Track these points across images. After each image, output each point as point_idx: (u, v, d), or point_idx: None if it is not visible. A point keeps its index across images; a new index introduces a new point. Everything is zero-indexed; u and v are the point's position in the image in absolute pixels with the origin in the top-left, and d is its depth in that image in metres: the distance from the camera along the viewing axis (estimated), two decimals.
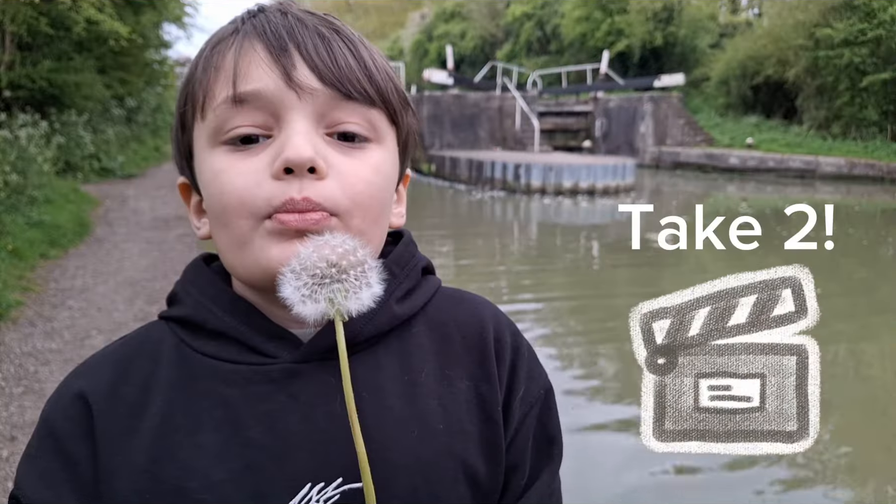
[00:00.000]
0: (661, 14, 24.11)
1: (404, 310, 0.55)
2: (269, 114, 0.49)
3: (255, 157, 0.49)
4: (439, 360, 0.55)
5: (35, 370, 3.64)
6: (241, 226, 0.49)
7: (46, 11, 9.40)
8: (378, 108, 0.52)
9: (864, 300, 6.46)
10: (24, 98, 10.58)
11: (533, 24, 30.49)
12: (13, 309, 4.58)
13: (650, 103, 20.95)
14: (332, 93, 0.49)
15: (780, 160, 18.14)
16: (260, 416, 0.49)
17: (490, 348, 0.56)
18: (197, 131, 0.52)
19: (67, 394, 0.53)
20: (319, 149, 0.49)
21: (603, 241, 9.64)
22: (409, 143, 0.57)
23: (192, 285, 0.56)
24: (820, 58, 18.44)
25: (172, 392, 0.51)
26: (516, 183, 14.08)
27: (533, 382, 0.58)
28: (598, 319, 5.82)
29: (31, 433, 2.05)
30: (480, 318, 0.58)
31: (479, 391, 0.54)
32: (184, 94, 0.53)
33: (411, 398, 0.52)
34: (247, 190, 0.48)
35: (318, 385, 0.50)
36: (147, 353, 0.54)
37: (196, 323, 0.53)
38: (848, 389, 4.19)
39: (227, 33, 0.52)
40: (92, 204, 9.13)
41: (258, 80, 0.48)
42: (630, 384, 4.30)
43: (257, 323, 0.52)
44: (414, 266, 0.58)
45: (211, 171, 0.50)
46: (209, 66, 0.51)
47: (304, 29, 0.50)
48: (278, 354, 0.51)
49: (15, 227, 6.21)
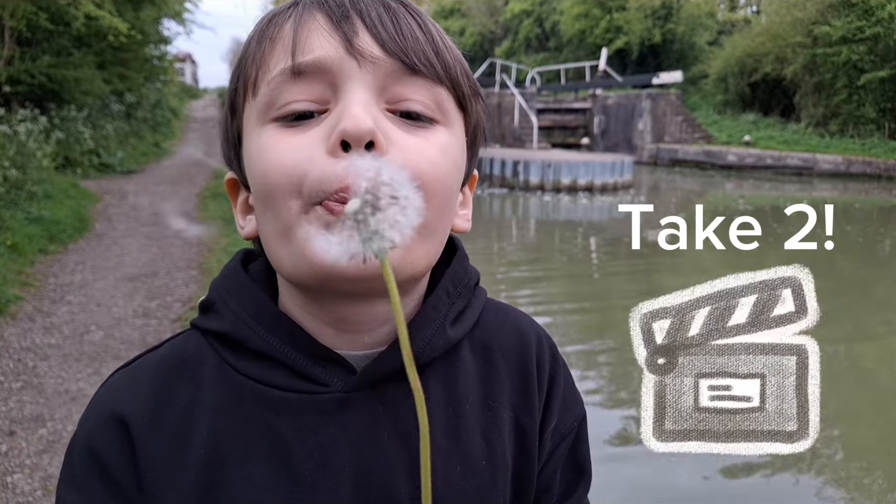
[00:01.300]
0: (659, 11, 24.08)
1: (457, 333, 0.52)
2: (327, 84, 0.45)
3: (309, 132, 0.44)
4: (484, 388, 0.53)
5: (34, 365, 3.64)
6: (288, 208, 0.44)
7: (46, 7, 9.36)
8: (445, 86, 0.47)
9: (861, 298, 6.49)
10: (24, 93, 10.54)
11: (532, 21, 30.43)
12: (12, 304, 4.58)
13: (648, 100, 20.94)
14: (395, 64, 0.45)
15: (777, 157, 18.17)
16: (310, 449, 0.47)
17: (533, 376, 0.54)
18: (247, 112, 0.48)
19: (105, 418, 0.49)
20: (380, 122, 0.44)
21: (601, 238, 9.67)
22: (477, 135, 0.53)
23: (231, 296, 0.51)
24: (818, 55, 18.44)
25: (217, 419, 0.48)
26: (515, 180, 14.08)
27: (567, 413, 0.57)
28: (595, 315, 5.84)
29: (29, 428, 2.07)
30: (525, 345, 0.56)
31: (519, 422, 0.53)
32: (236, 74, 0.49)
33: (456, 430, 0.50)
34: (297, 167, 0.43)
35: (367, 414, 0.48)
36: (188, 376, 0.50)
37: (237, 341, 0.49)
38: (844, 387, 4.21)
39: (285, 7, 0.48)
40: (91, 199, 9.10)
41: (318, 49, 0.44)
42: (628, 380, 4.33)
43: (303, 345, 0.48)
44: (468, 283, 0.55)
45: (259, 148, 0.46)
46: (264, 39, 0.47)
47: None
48: (328, 382, 0.48)
49: (14, 222, 6.20)
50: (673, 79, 21.81)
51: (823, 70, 18.59)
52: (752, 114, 21.04)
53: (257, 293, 0.50)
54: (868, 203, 13.42)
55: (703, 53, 23.92)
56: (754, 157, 18.56)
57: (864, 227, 10.67)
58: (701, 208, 0.75)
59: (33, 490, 2.51)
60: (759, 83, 20.87)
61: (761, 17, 23.15)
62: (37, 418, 3.04)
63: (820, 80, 18.86)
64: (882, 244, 9.44)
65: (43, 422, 3.01)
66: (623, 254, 8.72)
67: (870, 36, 17.37)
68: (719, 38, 23.90)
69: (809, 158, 17.69)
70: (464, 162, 0.51)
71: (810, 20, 18.73)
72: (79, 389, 3.34)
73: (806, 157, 17.78)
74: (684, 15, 24.10)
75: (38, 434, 2.90)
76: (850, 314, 5.87)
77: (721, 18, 25.70)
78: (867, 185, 15.89)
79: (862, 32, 17.47)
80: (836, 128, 18.75)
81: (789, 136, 19.45)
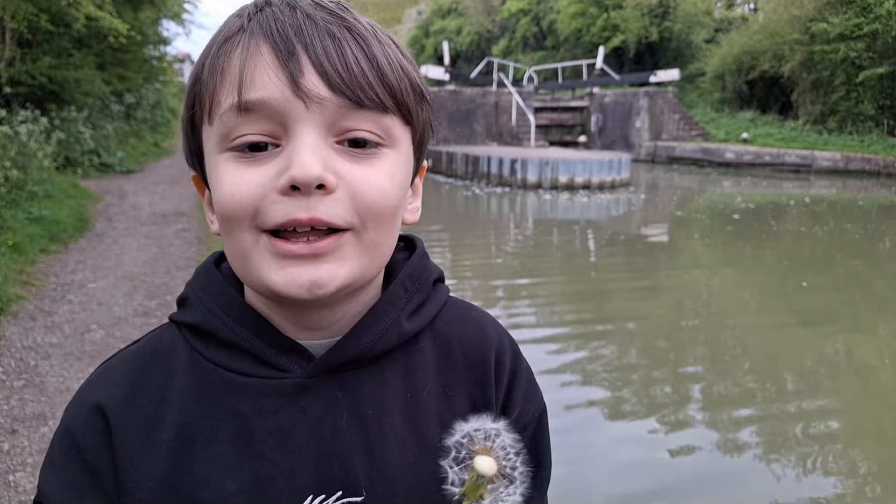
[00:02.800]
0: (656, 9, 24.09)
1: (413, 325, 0.55)
2: (276, 123, 0.46)
3: (262, 167, 0.47)
4: (442, 378, 0.55)
5: (35, 364, 3.65)
6: (244, 238, 0.48)
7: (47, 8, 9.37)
8: (391, 113, 0.49)
9: (861, 294, 6.53)
10: (24, 94, 10.57)
11: (529, 19, 30.45)
12: (14, 303, 4.59)
13: (646, 98, 20.96)
14: (342, 101, 0.46)
15: (775, 155, 18.19)
16: (270, 430, 0.50)
17: (490, 371, 0.57)
18: (205, 134, 0.50)
19: (85, 405, 0.53)
20: (328, 161, 0.46)
21: (598, 236, 9.69)
22: (424, 137, 0.55)
23: (203, 291, 0.55)
24: (815, 52, 18.44)
25: (187, 403, 0.51)
26: (512, 178, 14.11)
27: (529, 404, 0.59)
28: (593, 312, 5.88)
29: (31, 426, 2.16)
30: (484, 339, 0.58)
31: (477, 412, 0.54)
32: (191, 95, 0.51)
33: (413, 416, 0.53)
34: (251, 203, 0.46)
35: (326, 399, 0.51)
36: (161, 364, 0.54)
37: (207, 331, 0.53)
38: (843, 383, 4.24)
39: (234, 31, 0.49)
40: (91, 199, 9.10)
41: (263, 88, 0.46)
42: (626, 376, 4.38)
43: (268, 335, 0.52)
44: (426, 280, 0.58)
45: (217, 178, 0.49)
46: (215, 69, 0.48)
47: (314, 28, 0.47)
48: (289, 368, 0.51)
49: (15, 222, 6.22)
50: (670, 77, 21.83)
51: (821, 67, 18.59)
52: (750, 111, 21.05)
53: (227, 289, 0.54)
54: (867, 200, 13.45)
55: (701, 51, 23.91)
56: (752, 154, 18.58)
57: (863, 223, 10.70)
58: (696, 203, 0.79)
59: (35, 489, 2.51)
60: (756, 81, 20.88)
61: (759, 15, 23.15)
62: (38, 417, 3.04)
63: (818, 77, 18.86)
64: (882, 241, 9.47)
65: (45, 420, 3.00)
66: (620, 250, 8.76)
67: (868, 33, 17.37)
68: (716, 36, 23.90)
69: (808, 156, 17.70)
70: (410, 172, 0.54)
71: (808, 17, 18.74)
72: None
73: (804, 155, 17.79)
74: (681, 13, 24.10)
75: (40, 432, 2.90)
76: (850, 311, 5.90)
77: (718, 16, 25.68)
78: (866, 181, 15.89)
79: (860, 29, 17.47)
80: (835, 125, 18.76)
81: (787, 133, 19.45)
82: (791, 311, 5.89)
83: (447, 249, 8.49)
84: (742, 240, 9.20)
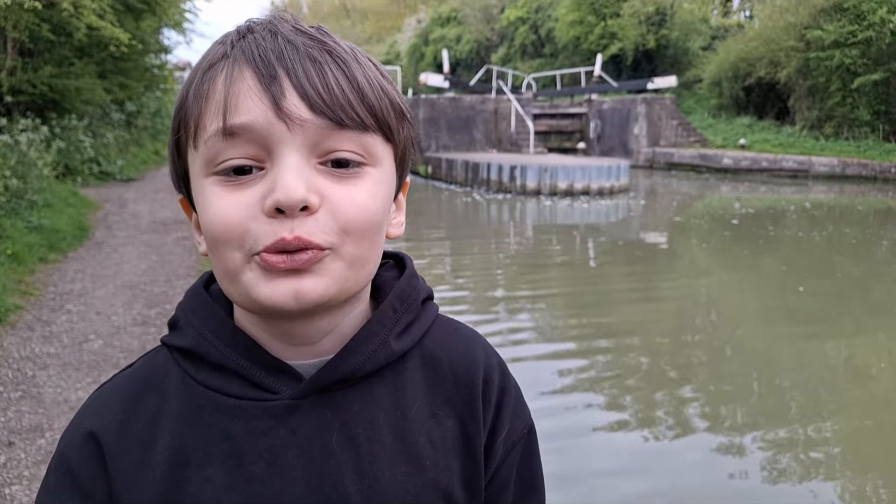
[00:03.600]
0: (653, 17, 24.23)
1: (402, 345, 0.56)
2: (260, 146, 0.48)
3: (247, 191, 0.48)
4: (430, 397, 0.56)
5: (33, 374, 3.62)
6: (232, 258, 0.49)
7: (48, 18, 9.42)
8: (372, 132, 0.51)
9: (859, 299, 6.54)
10: (25, 103, 10.60)
11: (527, 27, 30.62)
12: (12, 313, 4.56)
13: (643, 105, 21.04)
14: (324, 122, 0.48)
15: (773, 160, 18.25)
16: (261, 450, 0.51)
17: (478, 389, 0.58)
18: (191, 158, 0.51)
19: (80, 432, 0.54)
20: (312, 182, 0.48)
21: (598, 242, 9.71)
22: (406, 155, 0.56)
23: (193, 314, 0.56)
24: (811, 59, 18.54)
25: (180, 426, 0.53)
26: (512, 184, 14.16)
27: (517, 421, 0.60)
28: (593, 317, 5.90)
29: (28, 438, 2.18)
30: (473, 358, 0.59)
31: (465, 430, 0.56)
32: (177, 120, 0.52)
33: (402, 433, 0.54)
34: (238, 225, 0.48)
35: (316, 419, 0.52)
36: (154, 388, 0.55)
37: (198, 355, 0.54)
38: (842, 386, 4.25)
39: (217, 57, 0.50)
40: (91, 207, 9.08)
41: (247, 113, 0.47)
42: (626, 381, 4.39)
43: (257, 357, 0.53)
44: (415, 300, 0.58)
45: (204, 201, 0.50)
46: (200, 95, 0.50)
47: (295, 52, 0.49)
48: (279, 390, 0.52)
49: (14, 231, 6.19)
50: (667, 83, 21.92)
51: (817, 73, 18.68)
52: (747, 117, 21.13)
53: (217, 312, 0.55)
54: (865, 204, 13.50)
55: (697, 58, 24.02)
56: (749, 159, 18.64)
57: (861, 228, 10.74)
58: (695, 209, 0.81)
59: (31, 502, 2.46)
60: (753, 87, 20.97)
61: (754, 22, 23.28)
62: (35, 428, 3.01)
63: (813, 83, 18.96)
64: (879, 245, 9.50)
65: (42, 432, 2.97)
66: (620, 256, 8.78)
67: (862, 40, 17.46)
68: (713, 43, 24.00)
69: (805, 161, 17.77)
70: (392, 188, 0.55)
71: (803, 25, 18.84)
72: (78, 399, 3.30)
73: (801, 160, 17.85)
74: (678, 21, 24.23)
75: (36, 444, 2.87)
76: (849, 315, 5.92)
77: (714, 24, 25.81)
78: (863, 186, 15.94)
79: (854, 36, 17.56)
80: (831, 130, 18.84)
81: (784, 138, 19.52)
82: (790, 316, 5.90)
83: (447, 255, 8.51)
84: (741, 245, 9.23)
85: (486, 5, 34.21)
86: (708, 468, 3.25)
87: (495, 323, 5.52)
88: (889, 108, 18.01)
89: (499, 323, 5.54)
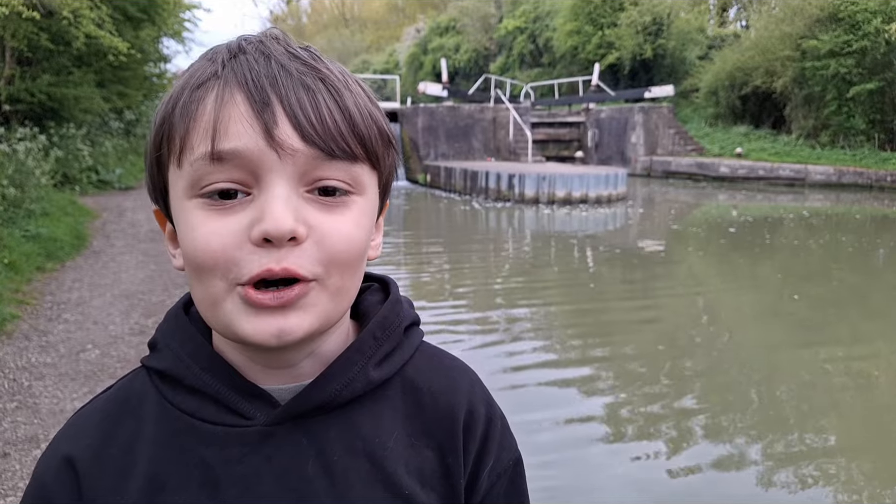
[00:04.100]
0: (650, 27, 24.39)
1: (381, 374, 0.55)
2: (247, 172, 0.47)
3: (233, 217, 0.47)
4: (410, 426, 0.55)
5: (29, 384, 3.60)
6: (214, 286, 0.48)
7: (47, 27, 9.44)
8: (361, 161, 0.50)
9: (856, 307, 6.55)
10: (23, 112, 10.63)
11: (525, 37, 30.80)
12: (8, 322, 4.55)
13: (641, 114, 21.15)
14: (314, 152, 0.47)
15: (769, 169, 18.33)
16: (236, 478, 0.50)
17: (460, 422, 0.56)
18: (173, 176, 0.50)
19: (56, 457, 0.54)
20: (299, 212, 0.47)
21: (596, 249, 9.73)
22: (389, 180, 0.56)
23: (171, 337, 0.56)
24: (807, 68, 18.67)
25: (156, 451, 0.52)
26: (510, 192, 14.19)
27: (504, 452, 0.59)
28: (591, 326, 5.89)
29: (23, 449, 2.17)
30: (455, 389, 0.58)
31: (444, 461, 0.55)
32: (159, 135, 0.50)
33: (380, 461, 0.53)
34: (223, 253, 0.47)
35: (292, 446, 0.51)
36: (131, 411, 0.54)
37: (174, 378, 0.54)
38: (840, 395, 4.25)
39: (207, 76, 0.49)
40: (89, 216, 9.07)
41: (237, 138, 0.46)
42: (624, 389, 4.38)
43: (233, 381, 0.52)
44: (398, 327, 0.57)
45: (187, 224, 0.49)
46: (187, 114, 0.48)
47: (288, 78, 0.48)
48: (254, 415, 0.52)
49: (12, 240, 6.19)
50: (664, 92, 22.05)
51: (812, 83, 18.80)
52: (744, 126, 21.23)
53: (195, 335, 0.55)
54: (861, 212, 13.56)
55: (694, 67, 24.17)
56: (746, 168, 18.72)
57: (857, 236, 10.77)
58: (692, 217, 0.80)
59: None
60: (749, 96, 21.09)
61: (750, 32, 23.44)
62: (31, 439, 2.98)
63: (809, 92, 19.07)
64: (876, 253, 9.53)
65: (37, 443, 2.95)
66: (617, 264, 8.79)
67: (857, 49, 17.59)
68: (709, 53, 24.14)
69: (801, 169, 17.85)
70: (375, 215, 0.55)
71: (798, 34, 18.98)
72: (74, 409, 3.14)
73: (797, 168, 17.94)
74: (675, 30, 24.40)
75: (32, 455, 2.84)
76: (846, 323, 5.93)
77: (711, 33, 25.99)
78: (859, 195, 16.02)
79: (849, 46, 17.69)
80: (827, 139, 18.94)
81: (780, 147, 19.61)
82: (788, 324, 5.90)
83: (446, 263, 8.50)
84: (739, 253, 9.25)
85: (485, 15, 34.43)
86: (707, 478, 3.24)
87: (493, 333, 5.51)
88: (884, 117, 18.12)
89: (496, 333, 5.53)
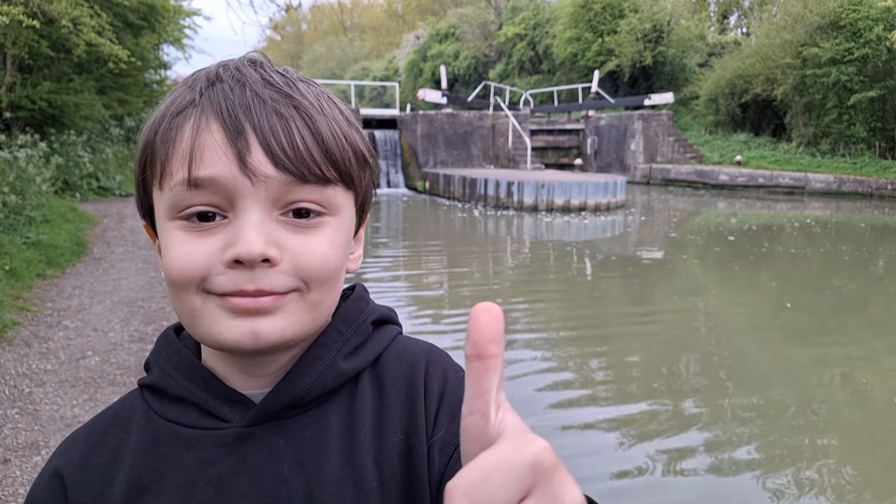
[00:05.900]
0: (650, 34, 24.45)
1: (352, 366, 0.56)
2: (223, 197, 0.49)
3: (209, 238, 0.50)
4: (377, 415, 0.56)
5: (30, 391, 3.62)
6: (192, 301, 0.50)
7: (48, 35, 9.49)
8: (334, 184, 0.52)
9: (856, 315, 6.54)
10: (24, 119, 10.66)
11: (525, 44, 30.89)
12: (9, 329, 4.56)
13: (640, 121, 21.18)
14: (287, 178, 0.49)
15: (769, 177, 18.35)
16: (211, 479, 0.52)
17: (420, 400, 0.57)
18: (156, 197, 0.53)
19: (47, 471, 0.57)
20: (273, 235, 0.49)
21: (594, 257, 9.73)
22: (367, 198, 0.58)
23: (160, 354, 0.59)
24: (807, 76, 18.70)
25: (139, 458, 0.54)
26: (509, 200, 14.20)
27: (454, 424, 0.57)
28: (589, 332, 5.88)
29: (24, 456, 2.18)
30: (414, 371, 0.58)
31: (409, 443, 0.56)
32: (143, 158, 0.53)
33: (351, 456, 0.54)
34: (198, 272, 0.49)
35: (268, 446, 0.53)
36: (119, 424, 0.57)
37: (160, 389, 0.56)
38: (840, 403, 4.25)
39: (186, 104, 0.51)
40: (90, 223, 9.09)
41: (212, 166, 0.48)
42: (622, 395, 4.37)
43: (214, 388, 0.54)
44: (363, 322, 0.59)
45: (167, 244, 0.51)
46: (167, 140, 0.50)
47: (262, 107, 0.49)
48: (231, 418, 0.53)
49: (12, 247, 6.20)
50: (664, 100, 22.09)
51: (813, 90, 18.83)
52: (744, 134, 21.27)
53: (181, 349, 0.58)
54: (862, 221, 13.56)
55: (694, 75, 24.22)
56: (746, 176, 18.74)
57: (857, 244, 10.77)
58: (691, 224, 0.79)
59: None
60: (749, 104, 21.13)
61: (751, 40, 23.53)
62: (31, 446, 3.00)
63: (810, 100, 19.10)
64: (876, 262, 9.53)
65: (38, 449, 2.97)
66: (616, 271, 8.78)
67: (858, 57, 17.63)
68: (709, 60, 24.21)
69: (801, 177, 17.87)
70: (352, 233, 0.56)
71: (799, 42, 19.03)
72: (74, 416, 3.31)
73: (797, 177, 17.96)
74: (675, 38, 24.46)
75: (32, 462, 2.86)
76: (846, 331, 5.92)
77: (711, 40, 26.08)
78: (859, 203, 16.03)
79: (850, 54, 17.73)
80: (827, 147, 18.96)
81: (780, 155, 19.63)
82: (788, 332, 5.90)
83: (444, 270, 8.50)
84: (738, 261, 9.25)
85: (484, 22, 34.57)
86: (705, 484, 3.24)
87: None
88: (885, 125, 18.15)
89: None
